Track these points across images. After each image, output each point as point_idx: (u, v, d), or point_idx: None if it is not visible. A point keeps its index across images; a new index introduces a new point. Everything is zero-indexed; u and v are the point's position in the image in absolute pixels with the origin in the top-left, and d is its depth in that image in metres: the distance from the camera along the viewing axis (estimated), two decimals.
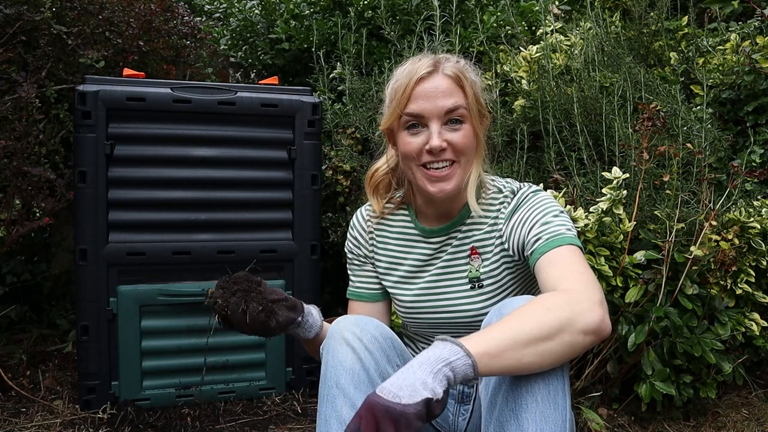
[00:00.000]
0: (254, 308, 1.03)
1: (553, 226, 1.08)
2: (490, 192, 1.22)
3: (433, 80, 1.14)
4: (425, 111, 1.13)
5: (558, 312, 0.89)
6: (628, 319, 1.76)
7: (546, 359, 0.88)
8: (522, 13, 2.92)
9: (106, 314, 1.84)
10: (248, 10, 3.05)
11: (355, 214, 1.37)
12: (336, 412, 0.97)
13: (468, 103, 1.15)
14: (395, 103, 1.16)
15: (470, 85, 1.16)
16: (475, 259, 1.21)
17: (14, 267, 2.51)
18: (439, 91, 1.13)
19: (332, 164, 2.35)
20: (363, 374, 0.99)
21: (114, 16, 2.35)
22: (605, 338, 0.92)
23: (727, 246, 1.77)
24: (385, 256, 1.31)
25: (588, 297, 0.93)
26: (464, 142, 1.14)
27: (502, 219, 1.18)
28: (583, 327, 0.89)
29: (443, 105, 1.13)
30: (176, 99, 1.87)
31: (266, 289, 1.07)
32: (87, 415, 1.83)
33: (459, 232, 1.22)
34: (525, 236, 1.11)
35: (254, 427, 1.84)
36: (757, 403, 2.02)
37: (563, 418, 0.89)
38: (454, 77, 1.15)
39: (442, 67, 1.15)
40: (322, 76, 2.53)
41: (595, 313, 0.90)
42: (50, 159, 2.22)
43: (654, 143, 1.90)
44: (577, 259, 1.03)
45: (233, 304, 1.03)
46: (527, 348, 0.86)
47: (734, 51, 2.48)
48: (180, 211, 1.90)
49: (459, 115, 1.14)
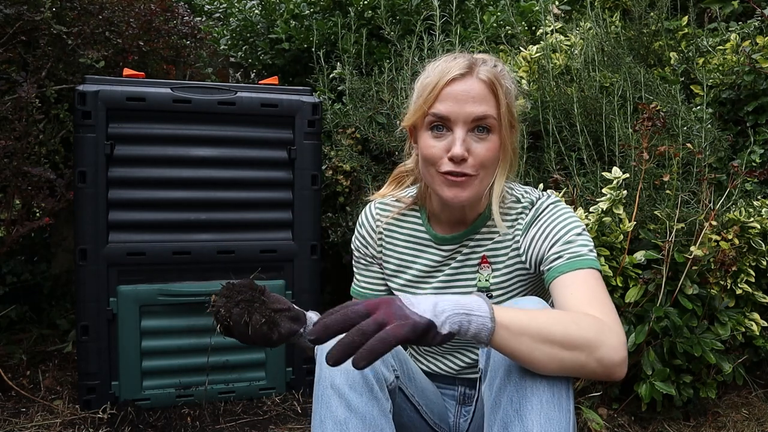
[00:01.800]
0: (257, 320, 1.01)
1: (575, 246, 1.05)
2: (507, 201, 1.17)
3: (465, 83, 1.07)
4: (452, 114, 1.07)
5: (586, 332, 0.88)
6: (628, 319, 1.76)
7: (553, 365, 0.87)
8: (522, 13, 2.92)
9: (106, 314, 1.84)
10: (248, 10, 3.05)
11: (363, 211, 1.31)
12: (331, 412, 0.97)
13: (500, 113, 1.08)
14: (422, 100, 1.10)
15: (504, 93, 1.09)
16: (485, 268, 1.18)
17: (14, 267, 2.51)
18: (470, 96, 1.06)
19: (332, 164, 2.35)
20: (357, 374, 0.99)
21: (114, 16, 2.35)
22: (614, 380, 0.91)
23: (727, 246, 1.77)
24: (394, 258, 1.27)
25: (618, 335, 0.91)
26: (488, 156, 1.08)
27: (519, 230, 1.15)
28: (602, 357, 0.88)
29: (472, 111, 1.06)
30: (176, 99, 1.87)
31: (269, 299, 1.04)
32: (87, 415, 1.83)
33: (471, 240, 1.19)
34: (545, 251, 1.08)
35: (254, 427, 1.84)
36: (757, 403, 2.02)
37: (567, 420, 0.89)
38: (488, 83, 1.08)
39: (477, 71, 1.08)
40: (322, 76, 2.53)
41: (619, 352, 0.89)
42: (50, 159, 2.22)
43: (654, 143, 1.90)
44: (600, 285, 1.01)
45: (236, 315, 1.01)
46: (543, 346, 0.85)
47: (734, 51, 2.48)
48: (180, 211, 1.90)
49: (487, 125, 1.07)
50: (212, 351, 1.91)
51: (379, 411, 0.98)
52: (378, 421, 0.97)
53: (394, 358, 1.08)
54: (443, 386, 1.27)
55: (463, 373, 1.25)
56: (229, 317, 1.01)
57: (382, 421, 0.98)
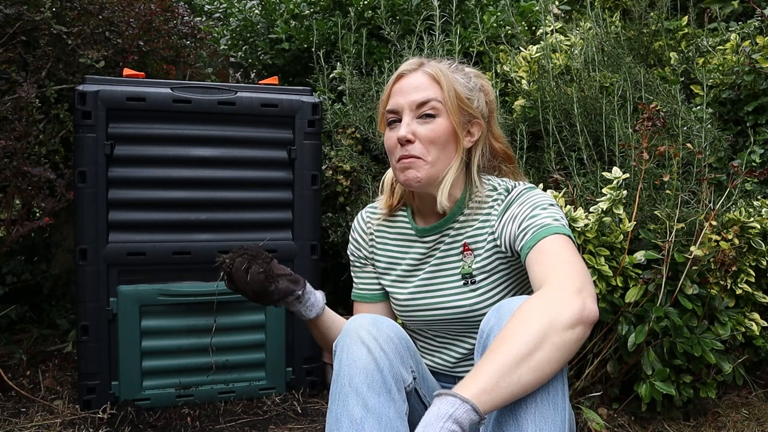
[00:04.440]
0: (256, 269, 1.11)
1: (539, 219, 1.07)
2: (484, 190, 1.21)
3: (411, 77, 1.17)
4: (398, 105, 1.16)
5: (537, 318, 0.88)
6: (628, 319, 1.76)
7: (545, 370, 0.87)
8: (522, 13, 2.92)
9: (106, 314, 1.84)
10: (248, 10, 3.05)
11: (356, 218, 1.38)
12: (348, 411, 0.97)
13: (444, 97, 1.15)
14: (381, 103, 1.22)
15: (449, 81, 1.16)
16: (467, 255, 1.21)
17: (14, 267, 2.51)
18: (412, 86, 1.16)
19: (332, 164, 2.35)
20: (377, 375, 0.99)
21: (114, 16, 2.35)
22: (593, 322, 0.90)
23: (727, 246, 1.77)
24: (384, 256, 1.31)
25: (563, 289, 0.91)
26: (432, 135, 1.14)
27: (494, 216, 1.18)
28: (566, 322, 0.88)
29: (414, 98, 1.15)
30: (176, 99, 1.87)
31: (274, 264, 1.14)
32: (87, 415, 1.83)
33: (452, 230, 1.23)
34: (515, 231, 1.11)
35: (254, 427, 1.84)
36: (757, 403, 2.02)
37: (562, 418, 0.89)
38: (431, 74, 1.16)
39: (424, 66, 1.18)
40: (322, 76, 2.53)
41: (573, 304, 0.89)
42: (50, 159, 2.22)
43: (654, 143, 1.90)
44: (562, 247, 1.02)
45: (237, 263, 1.12)
46: (520, 368, 0.85)
47: (734, 51, 2.48)
48: (180, 211, 1.90)
49: (431, 108, 1.15)
50: (212, 351, 1.91)
51: (396, 412, 0.98)
52: (394, 422, 0.97)
53: (412, 359, 1.08)
54: (446, 384, 1.28)
55: (458, 366, 1.27)
56: (231, 264, 1.13)
57: (398, 422, 0.97)
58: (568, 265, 0.98)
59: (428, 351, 1.31)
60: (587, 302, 0.90)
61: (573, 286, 0.92)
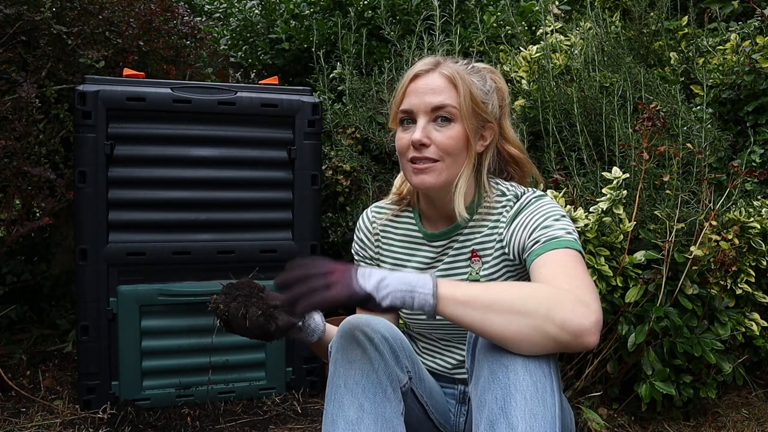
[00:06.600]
0: (254, 312, 1.06)
1: (552, 230, 1.06)
2: (493, 195, 1.20)
3: (427, 78, 1.14)
4: (413, 106, 1.14)
5: (540, 299, 0.89)
6: (628, 319, 1.76)
7: (512, 333, 0.88)
8: (522, 13, 2.92)
9: (106, 314, 1.84)
10: (248, 10, 3.05)
11: (360, 216, 1.36)
12: (343, 412, 0.97)
13: (460, 102, 1.12)
14: (394, 101, 1.18)
15: (466, 85, 1.13)
16: (475, 261, 1.20)
17: (14, 267, 2.51)
18: (429, 88, 1.13)
19: (332, 164, 2.35)
20: (372, 375, 0.99)
21: (114, 16, 2.35)
22: (586, 346, 0.88)
23: (727, 246, 1.77)
24: (390, 257, 1.30)
25: (576, 296, 0.90)
26: (448, 143, 1.12)
27: (503, 223, 1.17)
28: (561, 320, 0.87)
29: (430, 101, 1.12)
30: (176, 99, 1.87)
31: (268, 295, 1.08)
32: (87, 415, 1.83)
33: (461, 235, 1.21)
34: (525, 240, 1.09)
35: (254, 427, 1.84)
36: (757, 403, 2.02)
37: (552, 414, 0.89)
38: (449, 76, 1.13)
39: (441, 67, 1.15)
40: (322, 76, 2.53)
41: (579, 312, 0.88)
42: (50, 159, 2.22)
43: (654, 143, 1.90)
44: (572, 262, 1.00)
45: (233, 309, 1.06)
46: (492, 314, 0.89)
47: (734, 51, 2.48)
48: (180, 211, 1.90)
49: (447, 113, 1.12)
50: (213, 351, 1.91)
51: (392, 412, 0.98)
52: (390, 422, 0.97)
53: (408, 359, 1.08)
54: (445, 385, 1.28)
55: (456, 371, 1.26)
56: (227, 311, 1.07)
57: (394, 422, 0.98)
58: (579, 279, 0.96)
59: (430, 353, 1.31)
60: (592, 323, 0.88)
61: (585, 297, 0.90)
